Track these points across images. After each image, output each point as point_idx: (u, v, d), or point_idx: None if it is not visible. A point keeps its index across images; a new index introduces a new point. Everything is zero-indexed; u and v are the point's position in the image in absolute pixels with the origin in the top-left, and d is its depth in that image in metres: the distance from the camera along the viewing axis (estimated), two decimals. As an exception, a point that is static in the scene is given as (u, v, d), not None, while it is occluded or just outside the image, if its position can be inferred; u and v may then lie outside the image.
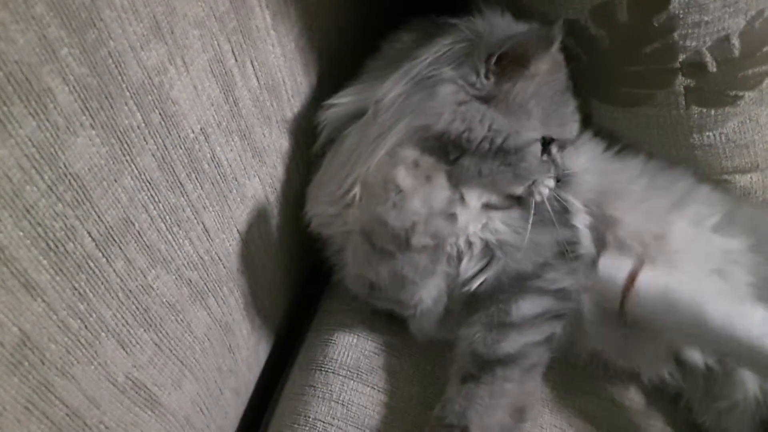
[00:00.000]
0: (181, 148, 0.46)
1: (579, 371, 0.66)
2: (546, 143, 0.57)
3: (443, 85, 0.54)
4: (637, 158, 0.67)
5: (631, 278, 0.58)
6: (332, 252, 0.64)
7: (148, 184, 0.43)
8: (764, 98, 0.60)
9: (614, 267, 0.59)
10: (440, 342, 0.64)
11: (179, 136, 0.45)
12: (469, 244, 0.59)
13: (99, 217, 0.40)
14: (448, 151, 0.55)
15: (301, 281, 0.74)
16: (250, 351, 0.64)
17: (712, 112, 0.61)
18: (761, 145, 0.64)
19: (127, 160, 0.41)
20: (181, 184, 0.47)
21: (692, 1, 0.53)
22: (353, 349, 0.66)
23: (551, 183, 0.59)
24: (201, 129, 0.48)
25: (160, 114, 0.43)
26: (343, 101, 0.59)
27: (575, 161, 0.65)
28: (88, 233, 0.39)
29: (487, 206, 0.59)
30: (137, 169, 0.42)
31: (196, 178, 0.48)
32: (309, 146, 0.62)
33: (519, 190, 0.58)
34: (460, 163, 0.55)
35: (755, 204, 0.69)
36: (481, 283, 0.59)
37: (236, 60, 0.50)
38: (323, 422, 0.61)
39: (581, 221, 0.63)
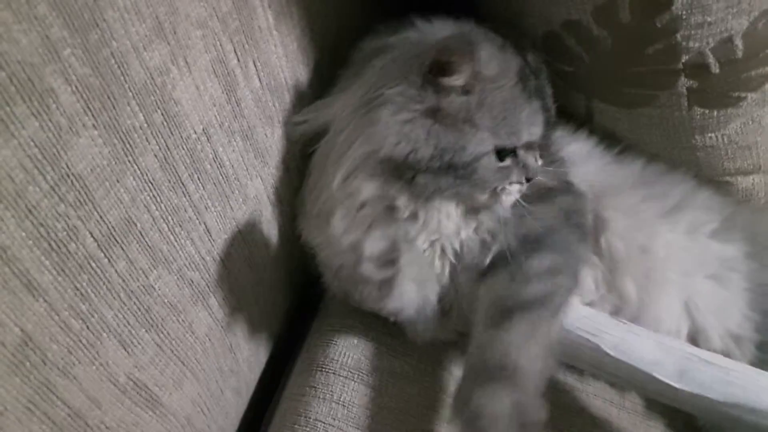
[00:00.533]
0: (183, 149, 0.46)
1: (580, 372, 0.66)
2: (504, 151, 0.55)
3: (384, 108, 0.52)
4: (637, 160, 0.67)
5: None
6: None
7: (150, 184, 0.43)
8: (767, 100, 0.60)
9: None
10: (441, 343, 0.64)
11: (181, 137, 0.45)
12: (467, 245, 0.59)
13: (101, 217, 0.40)
14: (403, 172, 0.53)
15: (302, 281, 0.74)
16: (251, 351, 0.64)
17: (715, 113, 0.61)
18: (763, 146, 0.64)
19: (129, 161, 0.41)
20: (183, 184, 0.47)
21: (695, 1, 0.53)
22: (354, 349, 0.66)
23: (515, 188, 0.57)
24: (203, 129, 0.48)
25: (162, 114, 0.43)
26: (309, 117, 0.59)
27: (571, 155, 0.64)
28: (90, 233, 0.39)
29: (472, 210, 0.58)
30: (139, 170, 0.42)
31: (198, 179, 0.48)
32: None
33: (483, 198, 0.56)
34: (416, 182, 0.53)
35: (755, 208, 0.69)
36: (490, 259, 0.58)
37: (238, 60, 0.50)
38: (324, 423, 0.61)
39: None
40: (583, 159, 0.66)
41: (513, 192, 0.57)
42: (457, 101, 0.52)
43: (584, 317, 0.57)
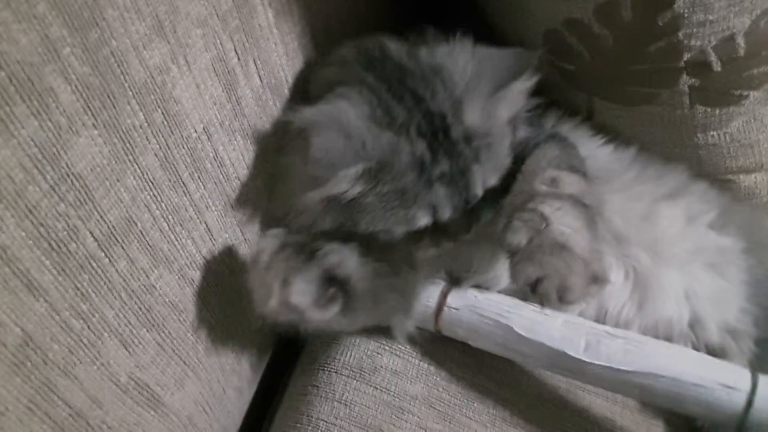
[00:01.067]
0: (183, 148, 0.46)
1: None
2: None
3: (289, 175, 0.53)
4: (629, 147, 0.66)
5: (441, 300, 0.60)
6: None
7: (150, 183, 0.43)
8: (769, 98, 0.60)
9: (425, 293, 0.60)
10: (441, 341, 0.64)
11: (182, 136, 0.45)
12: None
13: (101, 217, 0.40)
14: None
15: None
16: (253, 350, 0.64)
17: (717, 111, 0.61)
18: (766, 144, 0.64)
19: (129, 160, 0.41)
20: (183, 183, 0.47)
21: (697, 0, 0.52)
22: (356, 348, 0.65)
23: (431, 252, 0.55)
24: (203, 128, 0.48)
25: (162, 113, 0.43)
26: None
27: None
28: (91, 233, 0.39)
29: None
30: (140, 169, 0.42)
31: (199, 178, 0.48)
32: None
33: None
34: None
35: (752, 206, 0.69)
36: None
37: (239, 59, 0.50)
38: (326, 422, 0.61)
39: None
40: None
41: (428, 255, 0.55)
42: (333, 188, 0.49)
43: (495, 300, 0.59)
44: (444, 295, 0.60)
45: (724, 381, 0.52)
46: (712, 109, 0.61)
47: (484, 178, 0.51)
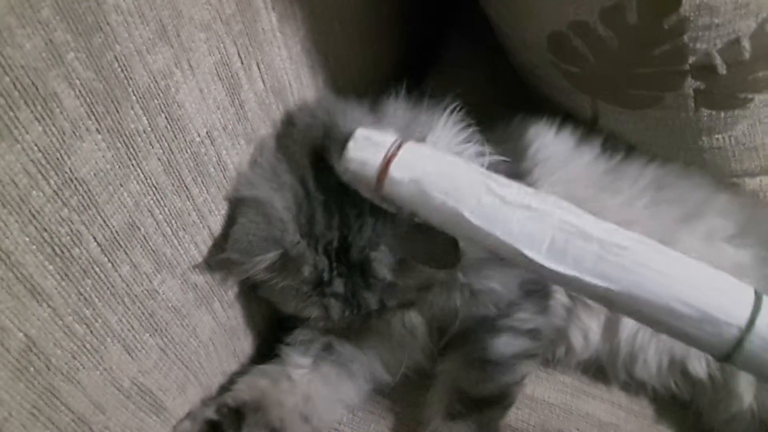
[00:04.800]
0: (186, 152, 0.46)
1: (589, 376, 0.65)
2: None
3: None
4: (640, 159, 0.65)
5: (387, 162, 0.47)
6: None
7: (153, 188, 0.43)
8: (774, 101, 0.60)
9: (371, 144, 0.48)
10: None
11: (185, 140, 0.45)
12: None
13: (105, 221, 0.40)
14: None
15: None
16: (255, 355, 0.64)
17: (722, 114, 0.61)
18: (771, 148, 0.64)
19: (132, 165, 0.41)
20: (186, 188, 0.47)
21: (703, 3, 0.52)
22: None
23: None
24: (207, 132, 0.48)
25: (166, 118, 0.43)
26: None
27: (549, 158, 0.62)
28: (94, 238, 0.39)
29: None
30: (143, 174, 0.42)
31: (202, 182, 0.48)
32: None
33: None
34: None
35: None
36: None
37: (242, 63, 0.50)
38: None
39: None
40: (563, 161, 0.63)
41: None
42: None
43: (448, 173, 0.46)
44: (391, 157, 0.47)
45: (724, 315, 0.40)
46: (717, 113, 0.61)
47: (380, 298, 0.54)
